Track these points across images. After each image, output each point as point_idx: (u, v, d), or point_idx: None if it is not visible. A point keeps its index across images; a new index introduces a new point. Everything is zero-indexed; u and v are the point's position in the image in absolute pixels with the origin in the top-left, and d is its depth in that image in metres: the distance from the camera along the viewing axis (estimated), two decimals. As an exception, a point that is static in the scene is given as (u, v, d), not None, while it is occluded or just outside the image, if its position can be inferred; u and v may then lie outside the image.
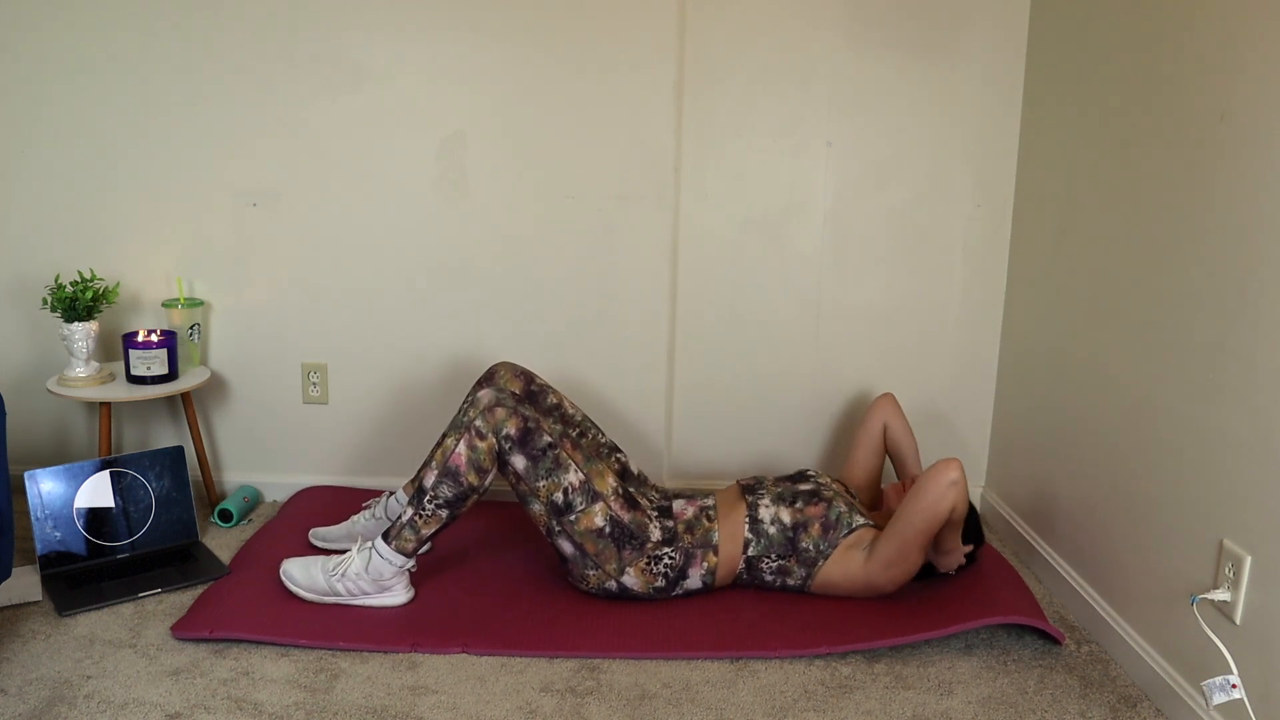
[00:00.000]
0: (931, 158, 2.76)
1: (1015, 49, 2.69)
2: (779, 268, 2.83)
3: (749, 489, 2.38)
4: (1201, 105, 1.88)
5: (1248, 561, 1.73)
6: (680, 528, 2.28)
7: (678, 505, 2.34)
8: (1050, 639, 2.19)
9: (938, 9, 2.67)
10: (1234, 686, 1.69)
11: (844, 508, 2.29)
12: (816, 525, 2.26)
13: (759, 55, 2.70)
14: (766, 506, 2.30)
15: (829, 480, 2.45)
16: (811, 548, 2.26)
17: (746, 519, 2.29)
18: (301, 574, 2.24)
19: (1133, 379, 2.11)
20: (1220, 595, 1.78)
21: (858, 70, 2.71)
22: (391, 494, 2.48)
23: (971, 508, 2.34)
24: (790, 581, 2.30)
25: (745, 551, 2.27)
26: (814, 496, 2.32)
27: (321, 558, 2.26)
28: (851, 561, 2.25)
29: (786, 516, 2.28)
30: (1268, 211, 1.69)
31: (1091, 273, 2.30)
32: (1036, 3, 2.63)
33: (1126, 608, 2.13)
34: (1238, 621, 1.75)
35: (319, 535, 2.52)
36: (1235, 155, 1.78)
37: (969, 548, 2.35)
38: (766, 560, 2.28)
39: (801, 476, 2.44)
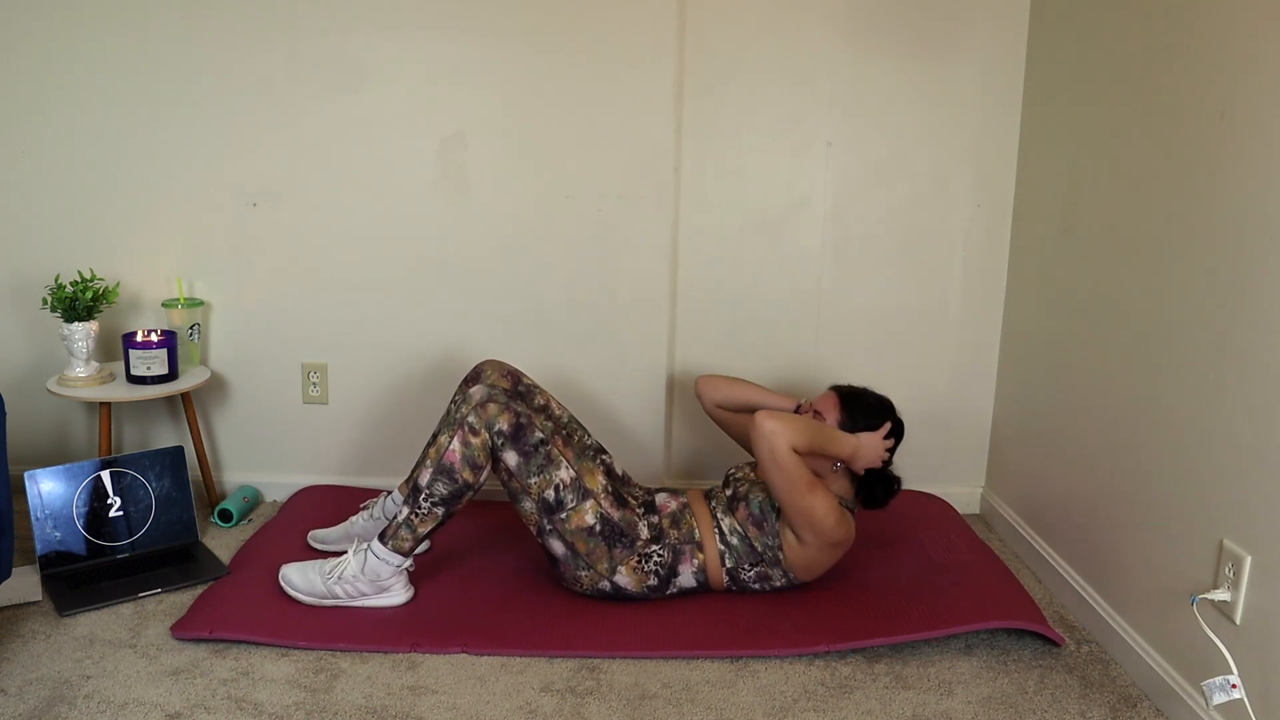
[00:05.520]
0: (931, 158, 2.76)
1: (1015, 48, 2.69)
2: (779, 268, 2.82)
3: (708, 495, 2.37)
4: (1201, 104, 1.88)
5: (1248, 561, 1.73)
6: (665, 522, 2.28)
7: (660, 499, 2.34)
8: (1050, 640, 2.19)
9: (938, 9, 2.67)
10: (1234, 686, 1.69)
11: (761, 496, 2.26)
12: (752, 526, 2.25)
13: (759, 55, 2.70)
14: (722, 517, 2.29)
15: (745, 473, 2.40)
16: (764, 547, 2.25)
17: (715, 532, 2.28)
18: (299, 578, 2.24)
19: (1133, 379, 2.11)
20: (1220, 595, 1.78)
21: (858, 70, 2.70)
22: (388, 494, 2.48)
23: (848, 399, 2.29)
24: (776, 584, 2.30)
25: (723, 564, 2.27)
26: (735, 500, 2.30)
27: (318, 561, 2.26)
28: (793, 544, 2.23)
29: (737, 525, 2.27)
30: (1268, 210, 1.69)
31: (1091, 272, 2.30)
32: (1036, 2, 2.63)
33: (1126, 608, 2.12)
34: (1238, 621, 1.75)
35: (317, 538, 2.52)
36: (1235, 154, 1.78)
37: (883, 434, 2.27)
38: (743, 570, 2.27)
39: (726, 481, 2.42)
